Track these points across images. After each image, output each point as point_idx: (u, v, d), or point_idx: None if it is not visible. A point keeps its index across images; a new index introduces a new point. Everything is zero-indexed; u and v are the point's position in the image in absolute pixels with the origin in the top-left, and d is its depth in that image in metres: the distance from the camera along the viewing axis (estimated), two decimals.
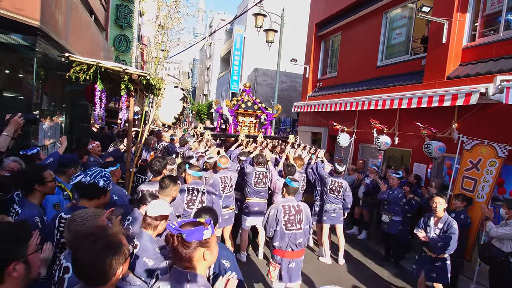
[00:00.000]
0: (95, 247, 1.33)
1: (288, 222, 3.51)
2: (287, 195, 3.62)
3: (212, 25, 36.91)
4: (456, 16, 5.84)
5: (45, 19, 4.07)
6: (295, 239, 3.53)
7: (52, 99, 5.87)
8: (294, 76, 19.82)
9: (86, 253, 1.31)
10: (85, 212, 1.77)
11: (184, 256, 1.52)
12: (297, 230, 3.55)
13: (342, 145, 8.16)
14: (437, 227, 3.95)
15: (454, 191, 5.11)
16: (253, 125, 7.23)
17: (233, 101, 7.18)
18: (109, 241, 1.37)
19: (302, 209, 3.62)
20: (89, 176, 2.28)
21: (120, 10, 12.65)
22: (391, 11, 8.08)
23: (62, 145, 4.14)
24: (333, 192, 5.48)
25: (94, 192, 2.30)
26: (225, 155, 5.07)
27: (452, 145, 5.48)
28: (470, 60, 5.74)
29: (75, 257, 1.35)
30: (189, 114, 38.08)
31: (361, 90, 8.30)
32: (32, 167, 2.65)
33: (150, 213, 2.24)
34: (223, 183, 4.73)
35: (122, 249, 1.40)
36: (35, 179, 2.52)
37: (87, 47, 6.81)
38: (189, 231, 1.50)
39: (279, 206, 3.55)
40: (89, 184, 2.26)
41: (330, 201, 5.51)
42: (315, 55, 11.42)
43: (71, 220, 1.73)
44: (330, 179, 5.49)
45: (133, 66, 14.92)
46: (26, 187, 2.51)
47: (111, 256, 1.34)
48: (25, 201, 2.45)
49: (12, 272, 1.31)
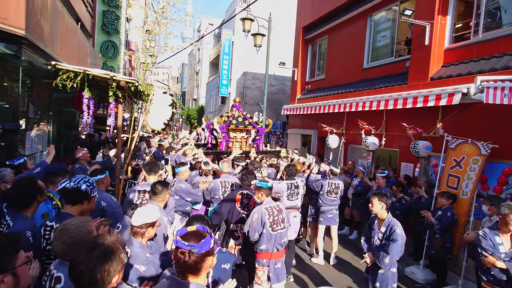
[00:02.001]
0: (94, 254, 1.35)
1: (274, 223, 3.55)
2: (264, 197, 3.61)
3: (201, 30, 36.93)
4: (437, 19, 6.02)
5: (30, 28, 4.03)
6: (280, 238, 3.59)
7: (39, 107, 5.79)
8: (283, 79, 19.96)
9: (85, 260, 1.33)
10: (76, 220, 1.77)
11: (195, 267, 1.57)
12: (282, 230, 3.60)
13: (332, 147, 8.27)
14: (380, 231, 3.46)
15: (440, 189, 5.24)
16: (245, 140, 7.25)
17: (224, 117, 7.18)
18: (107, 249, 1.39)
19: (281, 208, 3.70)
20: (72, 182, 2.34)
21: (107, 17, 12.56)
22: (375, 14, 8.26)
23: (49, 154, 4.11)
24: (331, 194, 5.50)
25: (77, 197, 2.32)
26: (227, 160, 5.05)
27: (438, 144, 5.63)
28: (452, 61, 5.92)
29: (73, 264, 1.35)
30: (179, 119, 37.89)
31: (349, 92, 8.44)
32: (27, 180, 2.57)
33: (133, 222, 2.27)
34: (223, 188, 4.68)
35: (120, 257, 1.43)
36: (36, 190, 2.46)
37: (74, 54, 6.75)
38: (200, 245, 1.55)
39: (262, 209, 3.54)
40: (72, 188, 2.30)
41: (327, 203, 5.53)
42: (303, 58, 11.55)
43: (63, 230, 1.71)
44: (327, 182, 5.50)
45: (121, 72, 14.82)
46: (28, 200, 2.40)
47: (109, 263, 1.36)
48: (18, 214, 2.37)
49: (0, 284, 1.32)
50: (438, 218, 4.75)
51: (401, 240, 3.30)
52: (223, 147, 6.91)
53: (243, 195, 4.17)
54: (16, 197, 2.37)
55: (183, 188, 4.48)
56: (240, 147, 7.08)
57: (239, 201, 4.13)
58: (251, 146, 7.25)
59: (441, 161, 5.36)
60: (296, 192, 4.76)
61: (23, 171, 3.72)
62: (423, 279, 5.13)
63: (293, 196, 4.74)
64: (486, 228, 3.39)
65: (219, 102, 23.79)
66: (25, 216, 2.36)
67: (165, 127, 5.72)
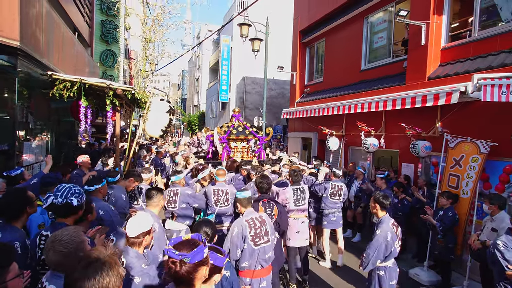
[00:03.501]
0: (89, 270, 1.27)
1: (256, 237, 3.14)
2: (243, 208, 3.24)
3: (200, 36, 37.15)
4: (433, 19, 6.01)
5: (25, 39, 4.06)
6: (264, 253, 3.19)
7: (38, 117, 5.83)
8: (282, 83, 19.99)
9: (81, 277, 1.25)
10: (67, 230, 1.74)
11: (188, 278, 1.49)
12: (265, 243, 3.19)
13: (332, 149, 8.24)
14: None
15: (442, 189, 5.19)
16: (246, 150, 7.21)
17: (224, 127, 7.17)
18: (104, 263, 1.31)
19: (265, 220, 3.28)
20: (60, 197, 2.24)
21: (105, 26, 12.69)
22: (371, 16, 8.27)
23: (47, 164, 4.10)
24: (334, 196, 5.42)
25: (70, 211, 2.28)
26: (223, 168, 4.94)
27: (438, 144, 5.58)
28: (449, 60, 5.89)
29: (70, 280, 1.28)
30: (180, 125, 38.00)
31: (347, 94, 8.42)
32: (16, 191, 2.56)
33: (129, 233, 2.22)
34: (215, 196, 4.55)
35: (119, 272, 1.35)
36: (26, 202, 2.44)
37: (71, 64, 6.80)
38: (193, 254, 1.46)
39: (243, 222, 3.14)
40: (62, 204, 2.23)
41: (330, 206, 5.46)
42: (301, 62, 11.57)
43: (54, 241, 1.67)
44: (330, 184, 5.42)
45: (121, 81, 14.91)
46: (17, 211, 2.38)
47: (108, 279, 1.28)
48: (7, 225, 2.34)
49: None
50: (440, 219, 4.69)
51: (378, 241, 3.19)
52: (224, 158, 6.88)
53: (264, 204, 3.83)
54: (5, 208, 2.35)
55: (189, 194, 4.45)
56: (241, 157, 7.04)
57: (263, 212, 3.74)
58: (253, 156, 7.21)
59: (441, 160, 5.31)
60: (303, 197, 4.63)
61: (20, 182, 3.72)
62: (428, 280, 5.06)
63: (300, 202, 4.61)
64: (504, 237, 3.16)
65: (219, 107, 23.83)
66: (14, 227, 2.33)
67: (163, 134, 5.72)
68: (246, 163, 5.59)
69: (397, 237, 3.30)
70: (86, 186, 3.28)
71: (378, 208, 3.34)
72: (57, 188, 2.31)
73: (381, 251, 3.21)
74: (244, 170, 5.46)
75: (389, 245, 3.21)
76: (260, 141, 7.32)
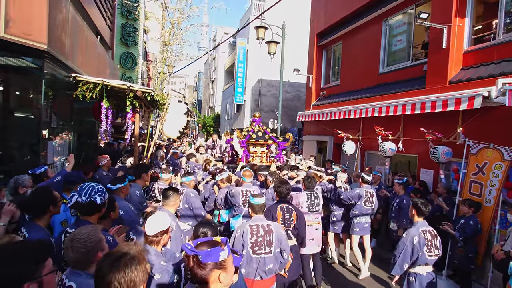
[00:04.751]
0: (120, 264, 1.33)
1: (256, 245, 3.01)
2: (254, 214, 3.18)
3: (216, 39, 37.55)
4: (454, 21, 5.87)
5: (52, 42, 4.23)
6: (264, 264, 3.03)
7: (61, 117, 6.03)
8: (298, 86, 19.93)
9: (111, 270, 1.31)
10: (86, 228, 1.79)
11: (200, 277, 1.47)
12: (266, 254, 3.05)
13: (348, 153, 8.15)
14: None
15: (463, 196, 5.04)
16: (265, 154, 7.21)
17: (244, 132, 7.22)
18: (133, 258, 1.37)
19: (272, 229, 3.12)
20: (84, 196, 2.30)
21: (125, 29, 13.03)
22: (390, 19, 8.16)
23: (69, 163, 4.24)
24: (367, 202, 5.26)
25: (94, 209, 2.34)
26: (249, 169, 4.96)
27: (458, 150, 5.44)
28: (471, 64, 5.74)
29: (98, 275, 1.33)
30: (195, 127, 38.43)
31: (364, 98, 8.32)
32: (43, 190, 2.65)
33: (148, 232, 2.27)
34: (244, 196, 4.56)
35: (146, 267, 1.40)
36: (50, 201, 2.52)
37: (93, 66, 7.01)
38: (205, 252, 1.45)
39: (246, 226, 3.08)
40: (86, 203, 2.29)
41: (363, 213, 5.27)
42: (317, 65, 11.52)
43: (73, 240, 1.72)
44: (364, 191, 5.24)
45: (139, 83, 15.23)
46: (40, 210, 2.46)
47: (136, 273, 1.33)
48: (32, 224, 2.42)
49: None
50: (461, 227, 4.55)
51: (404, 244, 3.30)
52: (243, 162, 6.91)
53: (283, 209, 3.75)
54: (31, 205, 2.44)
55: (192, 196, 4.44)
56: (260, 162, 7.04)
57: (281, 217, 3.69)
58: (272, 161, 7.21)
59: (463, 167, 5.17)
60: (317, 203, 4.57)
61: (44, 179, 3.85)
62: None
63: (314, 207, 4.55)
64: None
65: (234, 109, 23.97)
66: (39, 227, 2.42)
67: (180, 135, 5.81)
68: (264, 169, 5.57)
69: (430, 245, 3.31)
70: (109, 185, 3.37)
71: (415, 213, 3.43)
72: (81, 187, 2.38)
73: (407, 254, 3.28)
74: (261, 176, 5.44)
75: (416, 248, 3.24)
76: (279, 146, 7.31)
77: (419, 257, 3.26)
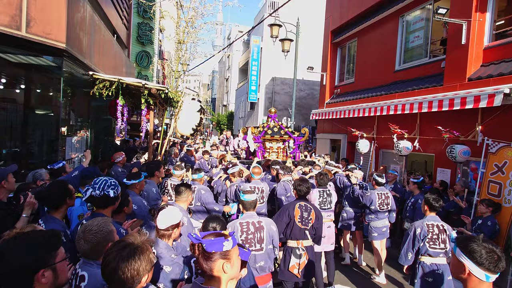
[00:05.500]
0: (124, 253, 1.40)
1: (246, 242, 3.01)
2: (244, 211, 3.16)
3: (230, 37, 37.70)
4: (475, 16, 5.69)
5: (70, 41, 4.35)
6: (254, 262, 3.04)
7: (78, 114, 6.21)
8: (312, 84, 19.77)
9: (116, 259, 1.39)
10: (97, 220, 1.86)
11: (205, 267, 1.51)
12: (257, 251, 3.04)
13: (362, 152, 8.03)
14: None
15: (481, 196, 4.89)
16: (281, 150, 7.17)
17: (259, 127, 7.22)
18: (137, 248, 1.44)
19: (263, 226, 3.10)
20: (97, 189, 2.37)
21: (141, 28, 13.23)
22: (407, 15, 7.97)
23: (86, 158, 4.36)
24: (382, 205, 5.03)
25: (108, 203, 2.42)
26: (259, 166, 4.96)
27: (477, 148, 5.28)
28: (492, 61, 5.55)
29: (104, 263, 1.41)
30: (209, 124, 38.74)
31: (380, 95, 8.17)
32: (59, 183, 2.75)
33: (160, 225, 2.32)
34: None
35: (149, 257, 1.47)
36: (66, 193, 2.60)
37: (110, 64, 7.17)
38: (209, 241, 1.49)
39: (236, 224, 3.06)
40: (100, 196, 2.37)
41: (380, 217, 5.09)
42: (331, 62, 11.39)
43: (85, 231, 1.79)
44: (376, 194, 5.02)
45: (154, 81, 15.48)
46: (57, 202, 2.55)
47: (139, 263, 1.41)
48: (49, 216, 2.52)
49: (41, 278, 1.41)
50: (478, 228, 4.42)
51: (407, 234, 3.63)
52: (259, 157, 6.91)
53: (301, 207, 3.66)
54: (48, 197, 2.53)
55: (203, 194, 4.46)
56: (277, 157, 6.99)
57: (298, 215, 3.60)
58: (288, 156, 7.20)
59: (481, 166, 5.01)
60: (329, 201, 4.51)
61: (63, 174, 3.98)
62: None
63: (326, 205, 4.49)
64: None
65: (248, 107, 24.01)
66: (55, 219, 2.51)
67: (193, 132, 5.87)
68: (276, 163, 5.58)
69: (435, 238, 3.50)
70: (124, 180, 3.45)
71: (427, 209, 3.63)
72: (94, 181, 2.45)
73: (410, 244, 3.58)
74: (273, 170, 5.48)
75: (417, 239, 3.52)
76: (295, 141, 7.27)
77: (420, 248, 3.52)
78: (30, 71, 5.19)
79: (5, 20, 3.66)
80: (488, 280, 1.62)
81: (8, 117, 5.36)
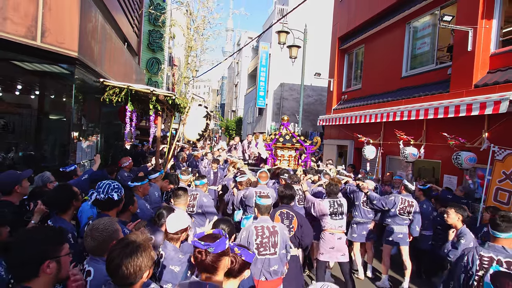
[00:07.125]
0: (127, 250, 1.51)
1: (261, 246, 3.04)
2: (259, 215, 3.21)
3: (240, 44, 38.06)
4: (481, 23, 5.68)
5: (82, 50, 4.54)
6: (268, 265, 3.05)
7: (90, 120, 6.42)
8: (320, 90, 19.79)
9: (119, 255, 1.50)
10: (103, 219, 1.98)
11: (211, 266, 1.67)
12: (271, 255, 3.06)
13: (368, 158, 8.02)
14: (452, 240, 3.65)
15: (487, 204, 4.85)
16: (292, 158, 7.14)
17: (271, 135, 7.25)
18: (139, 246, 1.55)
19: (277, 231, 3.12)
20: (102, 193, 2.46)
21: (152, 35, 13.56)
22: (414, 21, 7.99)
23: (96, 162, 4.51)
24: (403, 212, 4.90)
25: (112, 205, 2.52)
26: (265, 171, 4.94)
27: (483, 155, 5.24)
28: (499, 67, 5.52)
29: (109, 260, 1.53)
30: (218, 130, 39.00)
31: (386, 102, 8.17)
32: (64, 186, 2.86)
33: (170, 229, 2.43)
34: None
35: (150, 254, 1.58)
36: (72, 196, 2.71)
37: (120, 71, 7.39)
38: (216, 244, 1.65)
39: (251, 227, 3.09)
40: (105, 200, 2.47)
41: (397, 222, 4.95)
42: (339, 68, 11.43)
43: (92, 229, 1.92)
44: (400, 198, 4.89)
45: (165, 87, 15.76)
46: (64, 206, 2.65)
47: (141, 259, 1.52)
48: (58, 217, 2.62)
49: (46, 268, 1.53)
50: (483, 235, 4.37)
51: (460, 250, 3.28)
52: (269, 165, 6.93)
53: (282, 215, 3.64)
54: (55, 202, 2.66)
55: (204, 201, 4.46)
56: (288, 165, 6.96)
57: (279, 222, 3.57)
58: (299, 165, 7.17)
59: (487, 173, 4.97)
60: (340, 211, 4.38)
61: (73, 177, 4.13)
62: None
63: (337, 215, 4.37)
64: None
65: (256, 113, 24.13)
66: (64, 220, 2.62)
67: (199, 137, 6.00)
68: (284, 172, 5.42)
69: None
70: (128, 182, 3.57)
71: (460, 219, 3.58)
72: (98, 185, 2.54)
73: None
74: (282, 180, 5.43)
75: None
76: (307, 150, 7.26)
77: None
78: (44, 78, 5.42)
79: (22, 31, 3.86)
80: None
81: (24, 122, 5.59)
